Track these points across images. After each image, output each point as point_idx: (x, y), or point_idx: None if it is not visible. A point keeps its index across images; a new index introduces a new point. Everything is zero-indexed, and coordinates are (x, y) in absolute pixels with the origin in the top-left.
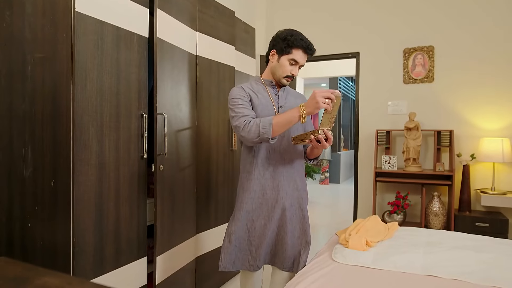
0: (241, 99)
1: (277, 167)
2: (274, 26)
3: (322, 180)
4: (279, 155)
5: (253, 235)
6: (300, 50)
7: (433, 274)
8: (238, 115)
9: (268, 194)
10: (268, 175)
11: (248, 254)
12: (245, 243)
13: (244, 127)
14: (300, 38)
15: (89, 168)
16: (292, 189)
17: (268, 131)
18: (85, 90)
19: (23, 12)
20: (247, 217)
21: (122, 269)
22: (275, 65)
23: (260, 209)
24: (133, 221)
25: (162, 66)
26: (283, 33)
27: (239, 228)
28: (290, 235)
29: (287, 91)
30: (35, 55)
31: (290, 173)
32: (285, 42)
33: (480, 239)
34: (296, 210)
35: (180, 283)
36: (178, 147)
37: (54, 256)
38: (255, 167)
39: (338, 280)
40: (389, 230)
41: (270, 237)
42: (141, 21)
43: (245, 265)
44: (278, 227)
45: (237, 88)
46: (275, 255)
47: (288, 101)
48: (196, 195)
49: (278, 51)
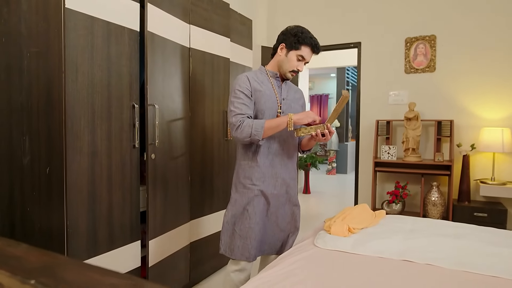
0: (243, 92)
1: (277, 155)
2: (275, 17)
3: (329, 171)
4: (279, 145)
5: (254, 221)
6: (308, 48)
7: (408, 259)
8: (235, 111)
9: (267, 181)
10: (268, 163)
11: (248, 243)
12: (245, 230)
13: (238, 127)
14: (310, 37)
15: (81, 156)
16: (287, 177)
17: (260, 133)
18: (76, 83)
19: (19, 9)
20: (248, 203)
21: (116, 251)
22: (283, 59)
23: (260, 195)
24: (125, 207)
25: (153, 59)
26: (293, 29)
27: (240, 213)
28: (281, 219)
29: (289, 85)
30: (30, 49)
31: (286, 162)
32: (295, 38)
33: (463, 227)
34: (290, 197)
35: (174, 267)
36: (171, 136)
37: (50, 238)
38: (257, 155)
39: (314, 263)
40: (375, 217)
41: (266, 223)
42: (132, 16)
43: (244, 255)
44: (272, 213)
45: (243, 77)
46: (266, 242)
47: (290, 95)
48: (190, 183)
49: (288, 46)
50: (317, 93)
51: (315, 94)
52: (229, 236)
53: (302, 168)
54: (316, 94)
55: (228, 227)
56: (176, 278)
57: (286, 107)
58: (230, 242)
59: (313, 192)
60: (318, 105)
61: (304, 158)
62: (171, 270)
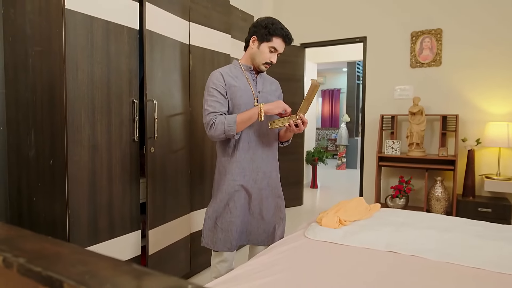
0: (217, 89)
1: (257, 150)
2: (281, 13)
3: (339, 166)
4: (258, 139)
5: (235, 215)
6: (279, 39)
7: (394, 250)
8: (208, 110)
9: (248, 176)
10: (248, 157)
11: (230, 235)
12: (227, 224)
13: (211, 126)
14: (281, 27)
15: (82, 149)
16: (269, 170)
17: (233, 128)
18: (77, 80)
19: (24, 10)
20: (228, 198)
21: (117, 239)
22: (255, 52)
23: (240, 190)
24: (125, 198)
25: (152, 56)
26: (264, 21)
27: (221, 208)
28: (266, 212)
29: (264, 77)
30: (35, 48)
31: (267, 155)
32: (266, 30)
33: (455, 221)
34: (272, 190)
35: (174, 256)
36: (170, 130)
37: (54, 226)
38: (237, 150)
39: (301, 253)
40: (370, 211)
41: (248, 216)
42: (131, 14)
43: (226, 246)
44: (254, 206)
45: (217, 74)
46: (251, 233)
47: (266, 87)
48: (190, 176)
49: (259, 38)
50: (329, 88)
51: (327, 89)
52: (210, 230)
53: (309, 163)
54: (328, 88)
55: (209, 222)
56: (176, 267)
57: (262, 100)
58: (212, 235)
59: (320, 187)
60: (330, 99)
61: (312, 153)
62: (172, 259)
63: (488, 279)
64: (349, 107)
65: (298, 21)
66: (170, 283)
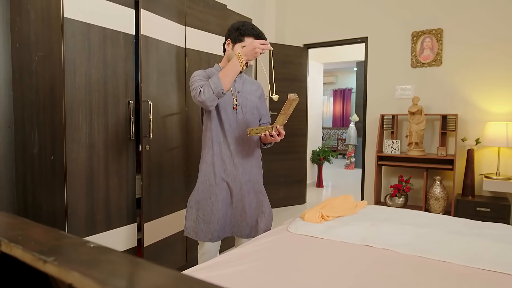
0: (198, 76)
1: (238, 145)
2: (284, 15)
3: (347, 165)
4: (238, 135)
5: (216, 208)
6: (251, 38)
7: (368, 244)
8: (195, 84)
9: (228, 170)
10: (229, 153)
11: (211, 227)
12: (208, 216)
13: (200, 91)
14: (251, 28)
15: (80, 146)
16: (249, 165)
17: (219, 84)
18: (75, 82)
19: (29, 18)
20: (211, 191)
21: (113, 231)
22: (231, 53)
23: (222, 183)
24: (122, 193)
25: (148, 60)
26: (236, 24)
27: (204, 199)
28: (248, 207)
29: (244, 78)
30: (38, 54)
31: (248, 152)
32: (237, 32)
33: (436, 218)
34: (253, 185)
35: (170, 248)
36: (166, 130)
37: (54, 218)
38: (217, 144)
39: (279, 246)
40: (355, 208)
41: (231, 209)
42: (127, 21)
43: (207, 237)
44: (237, 200)
45: (198, 71)
46: (235, 225)
47: (245, 87)
48: (186, 173)
49: (232, 40)
50: (340, 88)
51: (338, 89)
52: (193, 220)
53: (315, 162)
54: (339, 88)
55: (192, 211)
56: (172, 259)
57: (242, 99)
58: (194, 226)
59: (325, 186)
60: (341, 99)
61: (317, 152)
62: (167, 251)
63: (452, 272)
64: (358, 107)
65: (300, 23)
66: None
